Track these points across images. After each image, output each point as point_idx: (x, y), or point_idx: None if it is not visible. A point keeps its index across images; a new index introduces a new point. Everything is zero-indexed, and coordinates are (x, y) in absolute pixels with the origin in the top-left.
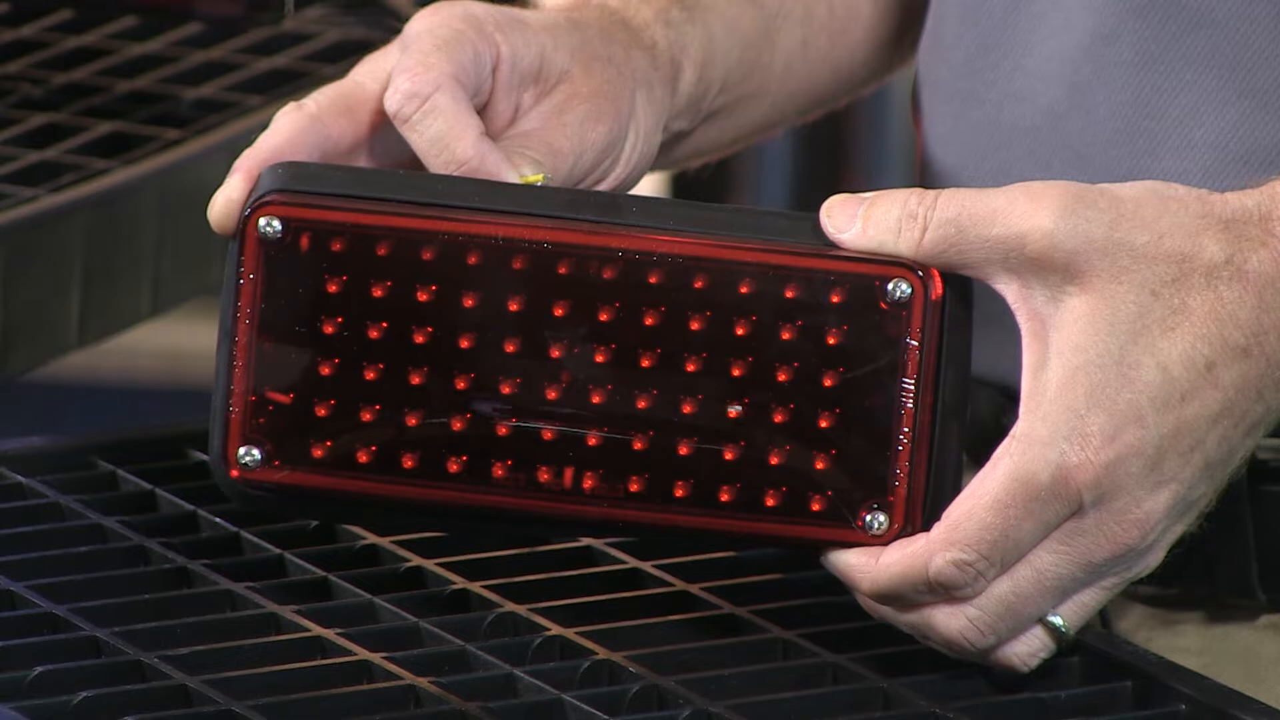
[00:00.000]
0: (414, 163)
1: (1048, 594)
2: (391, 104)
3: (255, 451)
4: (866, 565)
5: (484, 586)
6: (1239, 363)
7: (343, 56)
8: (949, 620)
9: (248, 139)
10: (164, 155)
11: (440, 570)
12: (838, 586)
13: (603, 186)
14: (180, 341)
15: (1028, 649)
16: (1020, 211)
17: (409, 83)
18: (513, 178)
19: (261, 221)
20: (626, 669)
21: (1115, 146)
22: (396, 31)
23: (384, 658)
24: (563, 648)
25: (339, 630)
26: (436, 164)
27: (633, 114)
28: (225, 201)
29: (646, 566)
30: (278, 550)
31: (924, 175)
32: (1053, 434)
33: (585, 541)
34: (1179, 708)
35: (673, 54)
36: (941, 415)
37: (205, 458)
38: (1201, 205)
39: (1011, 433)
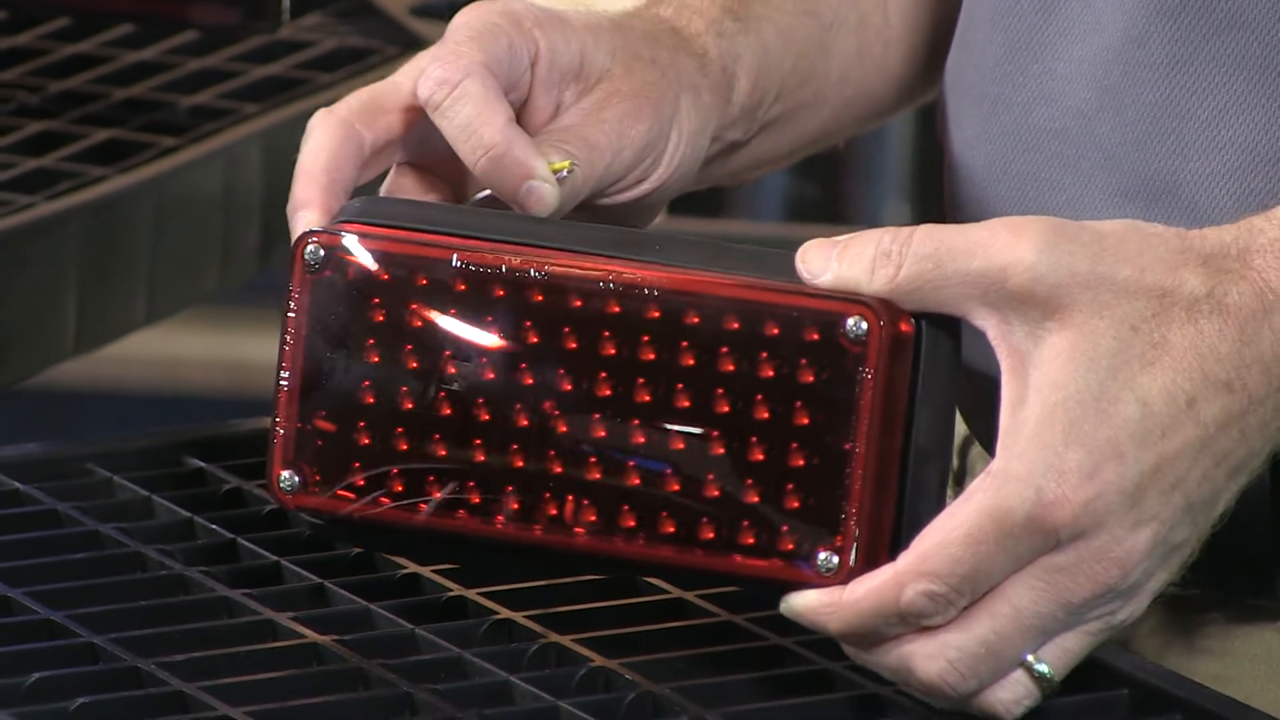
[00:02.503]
0: (451, 155)
1: (1027, 634)
2: (423, 91)
3: (295, 477)
4: (832, 603)
5: (480, 594)
6: (1220, 397)
7: (339, 64)
8: (929, 664)
9: (244, 146)
10: (160, 163)
11: (436, 577)
12: None
13: (644, 186)
14: (176, 349)
15: (1011, 695)
16: (1001, 245)
17: (440, 70)
18: (539, 164)
19: (308, 249)
20: (622, 676)
21: (1144, 148)
22: (393, 39)
23: (380, 664)
24: (559, 655)
25: (335, 637)
26: (465, 149)
27: (675, 116)
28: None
29: None
30: (274, 557)
31: (951, 179)
32: (1029, 470)
33: None
34: (1175, 716)
35: (725, 64)
36: (915, 458)
37: (203, 465)
38: (1180, 241)
39: (987, 469)
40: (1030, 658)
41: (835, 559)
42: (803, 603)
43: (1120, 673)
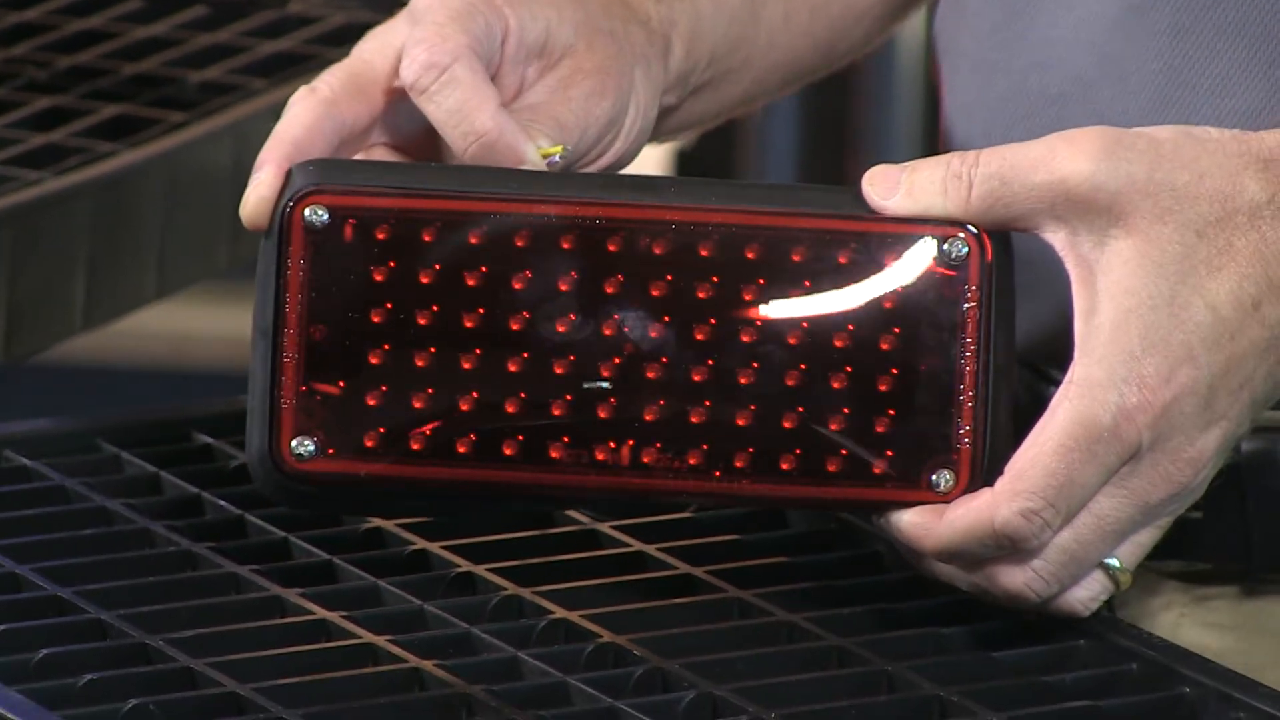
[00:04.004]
0: (428, 138)
1: (1108, 538)
2: (409, 75)
3: (309, 443)
4: (930, 523)
5: (488, 569)
6: None
7: (348, 39)
8: (1013, 575)
9: (253, 122)
10: (169, 138)
11: (445, 553)
12: (842, 570)
13: (603, 160)
14: (186, 325)
15: (1089, 594)
16: (1061, 156)
17: (426, 54)
18: (530, 150)
19: (307, 211)
20: (631, 652)
21: (1147, 117)
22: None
23: (389, 640)
24: (567, 631)
25: (344, 613)
26: (454, 135)
27: (633, 89)
28: (258, 199)
29: (651, 550)
30: (282, 533)
31: (947, 146)
32: (1110, 377)
33: (590, 524)
34: (1183, 691)
35: (664, 30)
36: (993, 377)
37: (211, 441)
38: (1238, 144)
39: (1067, 378)
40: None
41: (950, 476)
42: (904, 521)
43: (1129, 648)
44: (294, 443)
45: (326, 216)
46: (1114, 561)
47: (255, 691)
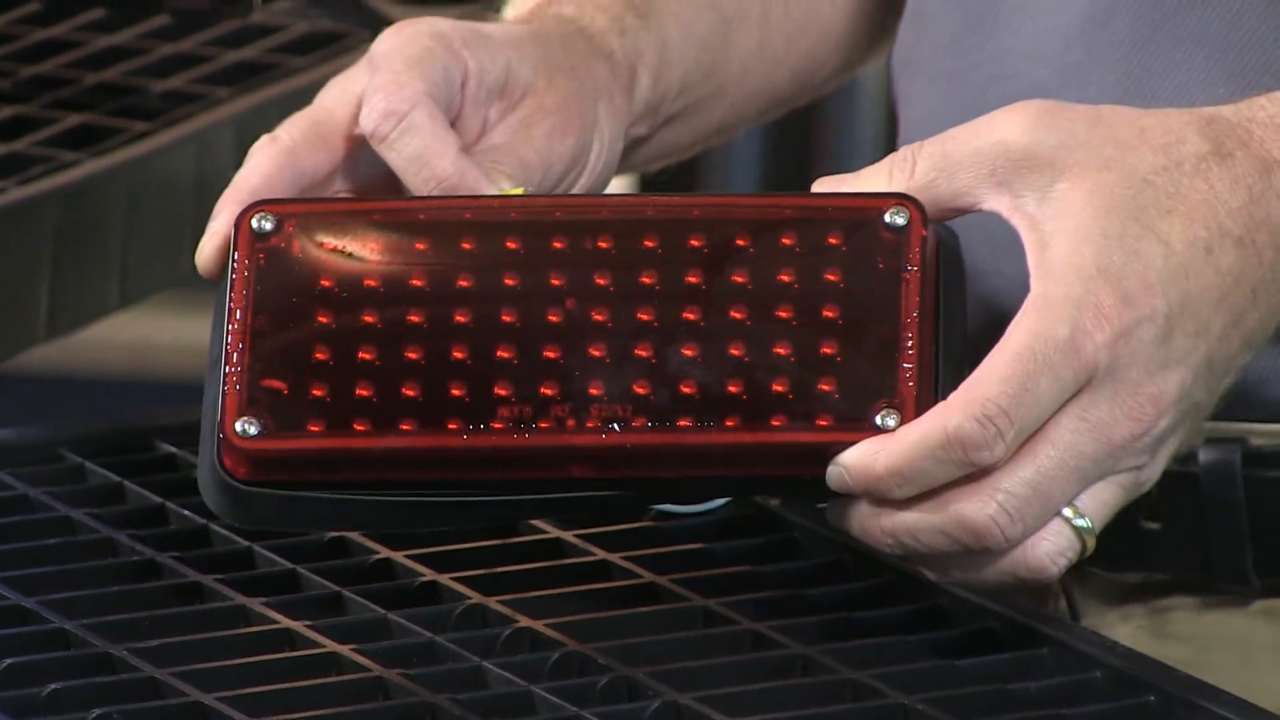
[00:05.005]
0: (389, 184)
1: (1071, 475)
2: (368, 123)
3: (253, 425)
4: (879, 445)
5: (453, 578)
6: (1236, 250)
7: (311, 48)
8: (979, 509)
9: (216, 131)
10: (132, 147)
11: (409, 562)
12: (806, 579)
13: None
14: (149, 333)
15: (1055, 546)
16: (999, 122)
17: (384, 102)
18: (493, 193)
19: (254, 220)
20: (596, 660)
21: None
22: (364, 25)
23: (353, 649)
24: (532, 639)
25: (307, 622)
26: (416, 182)
27: (596, 124)
28: (214, 249)
29: (615, 558)
30: (246, 543)
31: None
32: (1068, 293)
33: (554, 533)
34: (1148, 699)
35: (629, 62)
36: (944, 363)
37: (174, 450)
38: (1178, 110)
39: (1025, 304)
40: (1069, 511)
41: (894, 415)
42: (852, 454)
43: (1094, 657)
44: (238, 424)
45: (272, 225)
46: (1083, 522)
47: (219, 701)
